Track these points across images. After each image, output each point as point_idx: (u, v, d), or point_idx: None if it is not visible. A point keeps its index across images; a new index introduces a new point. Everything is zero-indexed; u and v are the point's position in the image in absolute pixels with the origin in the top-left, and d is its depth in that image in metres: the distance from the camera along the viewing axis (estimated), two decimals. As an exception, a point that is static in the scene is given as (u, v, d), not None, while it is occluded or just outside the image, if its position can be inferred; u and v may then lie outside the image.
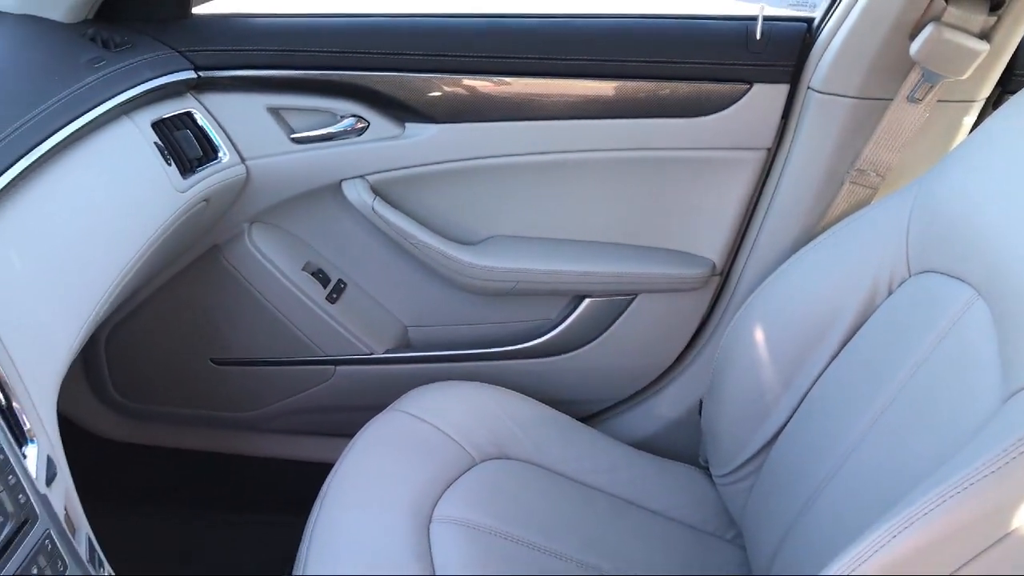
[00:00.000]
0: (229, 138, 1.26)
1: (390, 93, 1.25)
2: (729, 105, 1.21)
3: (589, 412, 1.52)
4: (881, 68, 1.12)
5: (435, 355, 1.45)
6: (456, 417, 1.19)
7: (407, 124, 1.27)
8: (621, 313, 1.38)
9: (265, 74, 1.25)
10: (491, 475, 1.14)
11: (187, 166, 1.16)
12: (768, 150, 1.24)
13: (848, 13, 1.12)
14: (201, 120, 1.22)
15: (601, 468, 1.21)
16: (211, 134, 1.23)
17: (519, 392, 1.30)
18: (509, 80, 1.23)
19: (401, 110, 1.26)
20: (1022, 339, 0.72)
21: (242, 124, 1.26)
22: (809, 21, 1.21)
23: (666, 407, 1.45)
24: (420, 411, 1.19)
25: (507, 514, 1.07)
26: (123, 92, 1.06)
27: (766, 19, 1.18)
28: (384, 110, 1.27)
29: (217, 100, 1.25)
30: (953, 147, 1.09)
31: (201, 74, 1.23)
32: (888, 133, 1.13)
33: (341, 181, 1.31)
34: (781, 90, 1.20)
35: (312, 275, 1.41)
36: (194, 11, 1.28)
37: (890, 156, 1.14)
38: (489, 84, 1.24)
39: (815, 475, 0.95)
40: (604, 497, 1.18)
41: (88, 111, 0.98)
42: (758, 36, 1.18)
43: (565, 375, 1.45)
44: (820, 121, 1.18)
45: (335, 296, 1.42)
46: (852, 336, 1.01)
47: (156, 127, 1.13)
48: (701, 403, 1.24)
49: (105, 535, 0.79)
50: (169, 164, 1.12)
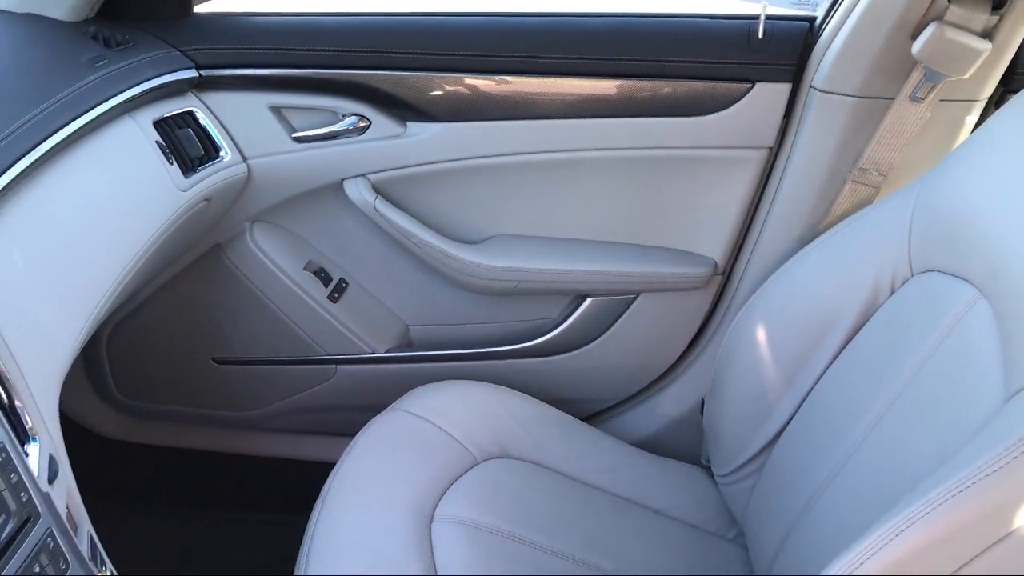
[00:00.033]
0: (231, 137, 1.26)
1: (392, 92, 1.25)
2: (731, 104, 1.21)
3: (591, 411, 1.52)
4: (883, 67, 1.12)
5: (437, 354, 1.45)
6: (458, 416, 1.19)
7: (409, 123, 1.27)
8: (623, 312, 1.38)
9: (267, 73, 1.25)
10: (493, 474, 1.14)
11: (189, 165, 1.16)
12: (770, 149, 1.24)
13: (850, 12, 1.12)
14: (203, 119, 1.22)
15: (603, 467, 1.21)
16: (213, 133, 1.23)
17: (521, 391, 1.30)
18: (511, 79, 1.23)
19: (403, 109, 1.26)
20: None
21: (244, 123, 1.26)
22: (811, 20, 1.21)
23: (668, 406, 1.45)
24: (422, 410, 1.19)
25: (509, 513, 1.07)
26: (125, 91, 1.06)
27: (768, 18, 1.18)
28: (386, 109, 1.27)
29: (219, 99, 1.25)
30: (955, 146, 1.09)
31: (203, 73, 1.23)
32: (890, 132, 1.13)
33: (343, 180, 1.31)
34: (783, 89, 1.20)
35: (314, 274, 1.41)
36: (196, 10, 1.28)
37: (892, 155, 1.14)
38: (491, 83, 1.24)
39: (817, 474, 0.95)
40: (606, 496, 1.17)
41: (90, 110, 0.98)
42: (760, 35, 1.18)
43: (567, 374, 1.45)
44: (822, 120, 1.18)
45: (337, 295, 1.42)
46: (854, 335, 1.01)
47: (158, 126, 1.13)
48: (703, 402, 1.24)
49: (106, 534, 0.79)
50: (171, 163, 1.12)
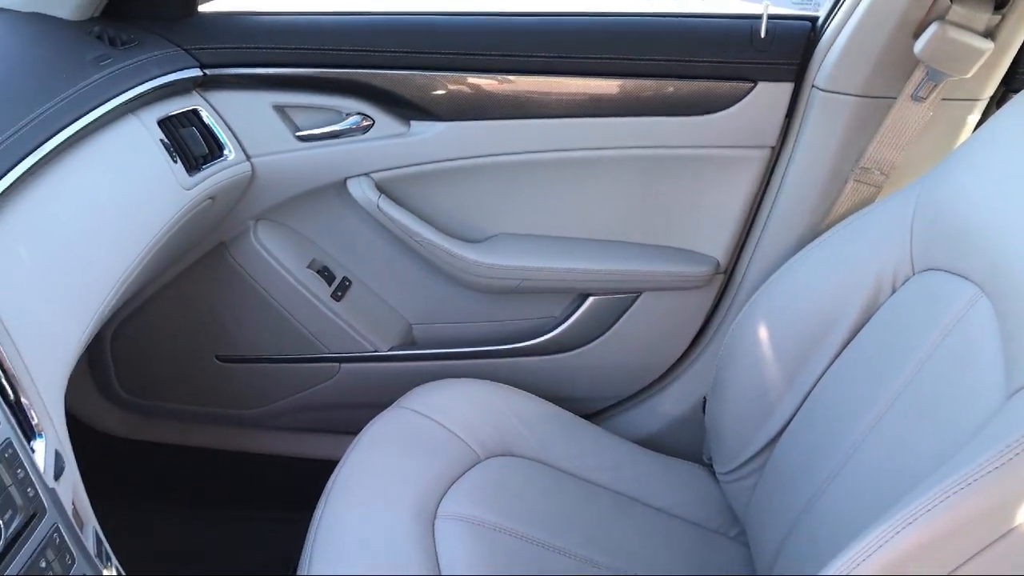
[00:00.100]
0: (235, 136, 1.26)
1: (395, 91, 1.25)
2: (734, 103, 1.21)
3: (593, 409, 1.52)
4: (885, 66, 1.12)
5: (440, 353, 1.46)
6: (461, 414, 1.19)
7: (412, 122, 1.27)
8: (625, 311, 1.39)
9: (271, 72, 1.25)
10: (495, 472, 1.14)
11: (193, 164, 1.16)
12: (772, 148, 1.25)
13: (852, 12, 1.12)
14: (207, 118, 1.22)
15: (605, 465, 1.22)
16: (217, 132, 1.23)
17: (523, 389, 1.30)
18: (514, 78, 1.23)
19: (406, 108, 1.26)
20: None
21: (248, 122, 1.27)
22: (814, 20, 1.21)
23: (670, 405, 1.45)
24: (425, 408, 1.19)
25: (511, 511, 1.08)
26: (129, 90, 1.06)
27: (771, 17, 1.18)
28: (389, 108, 1.27)
29: (223, 98, 1.25)
30: (957, 145, 1.09)
31: (207, 72, 1.23)
32: (892, 131, 1.13)
33: (346, 179, 1.31)
34: (785, 88, 1.20)
35: (317, 273, 1.41)
36: (200, 9, 1.28)
37: (894, 154, 1.14)
38: (494, 82, 1.24)
39: (818, 473, 0.95)
40: (608, 494, 1.18)
41: (94, 108, 0.98)
42: (763, 34, 1.18)
43: (569, 373, 1.45)
44: (824, 119, 1.18)
45: (340, 294, 1.43)
46: (856, 334, 1.01)
47: (162, 125, 1.13)
48: (705, 401, 1.25)
49: (110, 531, 0.79)
50: (175, 161, 1.12)
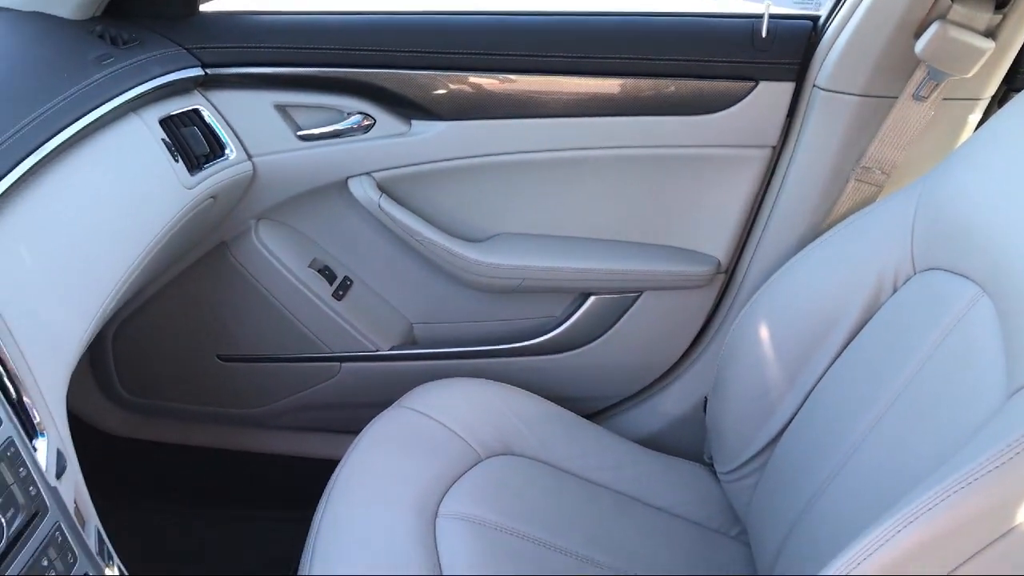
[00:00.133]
0: (236, 135, 1.26)
1: (396, 90, 1.25)
2: (735, 103, 1.21)
3: (594, 409, 1.52)
4: (886, 66, 1.12)
5: (441, 352, 1.46)
6: (461, 413, 1.19)
7: (413, 121, 1.27)
8: (626, 310, 1.39)
9: (272, 71, 1.25)
10: (496, 471, 1.14)
11: (194, 163, 1.16)
12: (773, 148, 1.25)
13: (854, 11, 1.12)
14: (208, 117, 1.23)
15: (606, 465, 1.22)
16: (218, 131, 1.23)
17: (524, 389, 1.30)
18: (515, 78, 1.23)
19: (407, 107, 1.26)
20: None
21: (249, 121, 1.27)
22: (815, 19, 1.21)
23: (671, 404, 1.45)
24: (426, 407, 1.19)
25: (512, 510, 1.08)
26: (131, 89, 1.07)
27: (772, 17, 1.18)
28: (390, 107, 1.27)
29: (224, 97, 1.25)
30: (958, 145, 1.09)
31: (208, 71, 1.23)
32: (893, 131, 1.13)
33: (347, 178, 1.31)
34: (787, 88, 1.20)
35: (318, 272, 1.41)
36: (202, 8, 1.28)
37: (895, 154, 1.14)
38: (495, 81, 1.24)
39: (819, 472, 0.95)
40: (609, 494, 1.18)
41: (96, 108, 0.98)
42: (764, 34, 1.18)
43: (570, 372, 1.45)
44: (825, 119, 1.18)
45: (341, 293, 1.43)
46: (857, 333, 1.01)
47: (164, 124, 1.13)
48: (706, 400, 1.25)
49: (112, 531, 0.79)
50: (176, 161, 1.12)
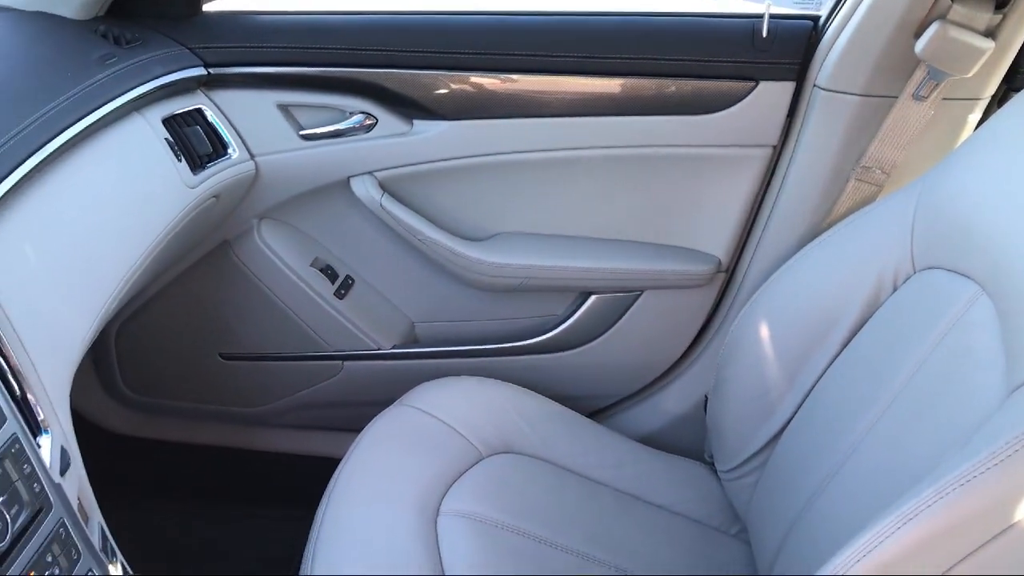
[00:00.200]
0: (239, 134, 1.27)
1: (398, 90, 1.25)
2: (735, 103, 1.21)
3: (595, 408, 1.53)
4: (886, 66, 1.12)
5: (442, 351, 1.46)
6: (463, 412, 1.20)
7: (415, 121, 1.28)
8: (627, 309, 1.39)
9: (275, 71, 1.25)
10: (498, 470, 1.15)
11: (197, 162, 1.17)
12: (774, 147, 1.25)
13: (854, 11, 1.12)
14: (211, 116, 1.23)
15: (607, 463, 1.22)
16: (221, 130, 1.24)
17: (526, 388, 1.30)
18: (517, 77, 1.24)
19: (409, 107, 1.27)
20: None
21: (252, 120, 1.27)
22: (815, 19, 1.21)
23: (671, 403, 1.45)
24: (427, 406, 1.19)
25: (514, 508, 1.08)
26: (134, 88, 1.07)
27: (772, 17, 1.18)
28: (392, 107, 1.27)
29: (227, 97, 1.26)
30: (958, 144, 1.09)
31: (211, 71, 1.24)
32: (893, 131, 1.13)
33: (349, 177, 1.32)
34: (787, 88, 1.20)
35: (320, 271, 1.41)
36: (205, 8, 1.29)
37: (895, 153, 1.14)
38: (497, 81, 1.24)
39: (819, 471, 0.95)
40: (610, 492, 1.18)
41: (99, 107, 0.99)
42: (764, 34, 1.18)
43: (571, 371, 1.45)
44: (826, 119, 1.18)
45: (343, 292, 1.43)
46: (856, 333, 1.01)
47: (166, 123, 1.14)
48: (706, 399, 1.25)
49: (114, 528, 0.79)
50: (179, 160, 1.13)
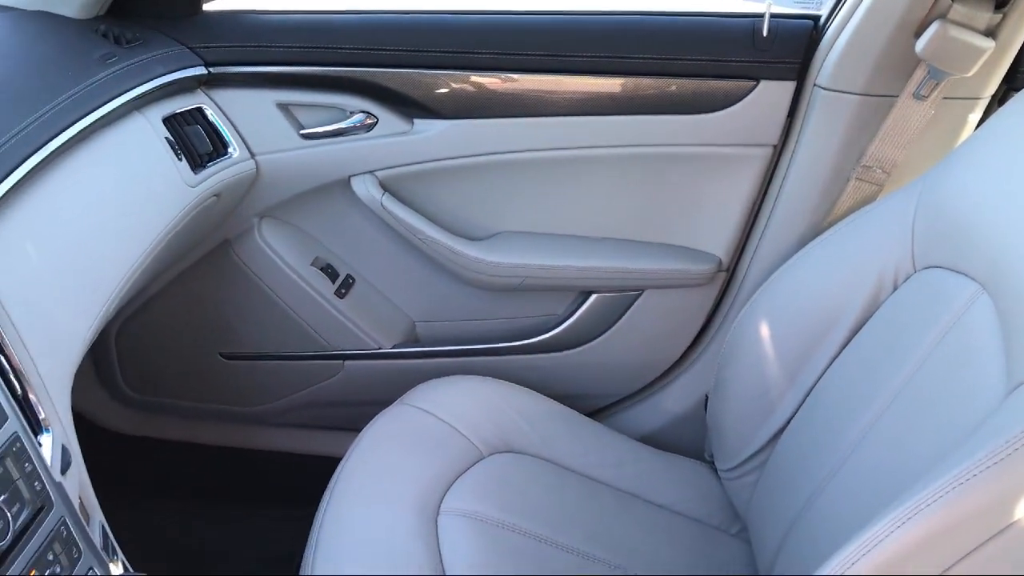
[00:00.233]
0: (239, 133, 1.27)
1: (399, 89, 1.25)
2: (736, 102, 1.21)
3: (596, 407, 1.53)
4: (887, 65, 1.12)
5: (443, 350, 1.46)
6: (463, 411, 1.20)
7: (415, 120, 1.28)
8: (627, 309, 1.39)
9: (275, 70, 1.25)
10: (498, 469, 1.15)
11: (198, 161, 1.17)
12: (774, 147, 1.25)
13: (854, 10, 1.12)
14: (211, 115, 1.23)
15: (607, 462, 1.22)
16: (221, 129, 1.24)
17: (526, 387, 1.30)
18: (517, 77, 1.24)
19: (410, 106, 1.27)
20: None
21: (252, 120, 1.27)
22: (815, 18, 1.21)
23: (672, 402, 1.45)
24: (428, 405, 1.20)
25: (514, 507, 1.08)
26: (134, 88, 1.07)
27: (773, 16, 1.19)
28: (393, 106, 1.27)
29: (227, 96, 1.26)
30: (958, 144, 1.09)
31: (212, 70, 1.24)
32: (894, 130, 1.14)
33: (350, 177, 1.32)
34: (787, 87, 1.20)
35: (321, 270, 1.41)
36: (205, 8, 1.29)
37: (896, 153, 1.15)
38: (497, 81, 1.24)
39: (819, 470, 0.95)
40: (610, 491, 1.18)
41: (100, 106, 0.99)
42: (765, 33, 1.18)
43: (572, 370, 1.45)
44: (826, 118, 1.18)
45: (344, 291, 1.43)
46: (857, 332, 1.01)
47: (167, 122, 1.14)
48: (707, 398, 1.25)
49: (114, 528, 0.79)
50: (180, 159, 1.13)
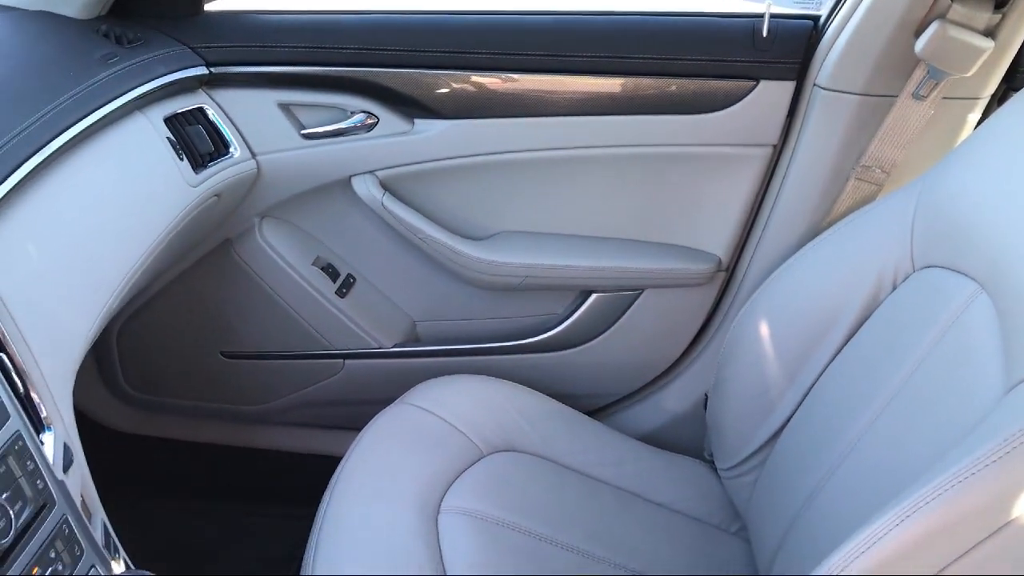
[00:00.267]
0: (240, 133, 1.27)
1: (400, 89, 1.26)
2: (736, 102, 1.21)
3: (596, 406, 1.53)
4: (886, 65, 1.12)
5: (443, 349, 1.46)
6: (464, 410, 1.20)
7: (416, 120, 1.28)
8: (628, 308, 1.39)
9: (276, 70, 1.26)
10: (498, 467, 1.15)
11: (199, 161, 1.17)
12: (774, 147, 1.25)
13: (854, 10, 1.12)
14: (213, 115, 1.23)
15: (607, 461, 1.22)
16: (222, 129, 1.24)
17: (526, 386, 1.30)
18: (517, 77, 1.24)
19: (410, 106, 1.27)
20: None
21: (253, 120, 1.27)
22: (815, 19, 1.21)
23: (672, 401, 1.46)
24: (428, 404, 1.20)
25: (514, 506, 1.08)
26: (136, 88, 1.07)
27: (773, 16, 1.19)
28: (393, 106, 1.27)
29: (228, 96, 1.26)
30: (958, 143, 1.09)
31: (213, 70, 1.24)
32: (893, 130, 1.14)
33: (351, 176, 1.32)
34: (787, 87, 1.20)
35: (322, 270, 1.42)
36: (206, 8, 1.29)
37: (895, 152, 1.15)
38: (497, 81, 1.24)
39: (819, 469, 0.96)
40: (610, 490, 1.18)
41: (101, 106, 0.99)
42: (764, 33, 1.18)
43: (572, 369, 1.46)
44: (826, 118, 1.18)
45: (344, 290, 1.43)
46: (856, 331, 1.01)
47: (168, 122, 1.14)
48: (706, 398, 1.25)
49: (115, 526, 0.80)
50: (181, 159, 1.13)
